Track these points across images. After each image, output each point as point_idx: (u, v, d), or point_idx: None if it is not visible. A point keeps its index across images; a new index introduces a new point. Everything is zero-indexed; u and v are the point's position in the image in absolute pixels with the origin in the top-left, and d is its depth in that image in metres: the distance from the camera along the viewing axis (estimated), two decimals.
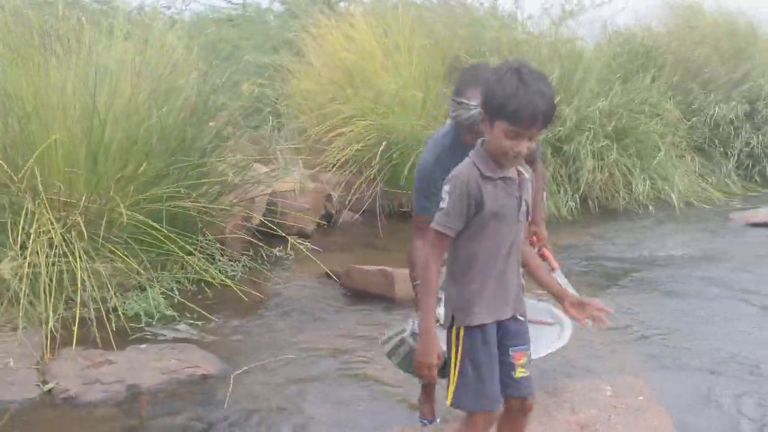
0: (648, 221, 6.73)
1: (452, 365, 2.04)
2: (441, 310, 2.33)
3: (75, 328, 3.63)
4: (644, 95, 7.45)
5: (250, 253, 5.10)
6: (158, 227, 4.18)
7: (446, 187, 2.00)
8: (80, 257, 3.90)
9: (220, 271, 4.63)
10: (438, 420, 2.87)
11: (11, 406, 3.16)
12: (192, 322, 4.08)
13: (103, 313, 3.79)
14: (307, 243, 5.10)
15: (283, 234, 4.93)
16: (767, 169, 8.48)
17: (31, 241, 3.82)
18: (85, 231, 3.92)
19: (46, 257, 3.82)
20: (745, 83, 8.55)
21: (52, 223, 3.90)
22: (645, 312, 4.41)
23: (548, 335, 2.67)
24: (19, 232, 3.85)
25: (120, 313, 4.01)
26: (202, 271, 4.44)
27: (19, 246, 3.83)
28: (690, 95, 8.34)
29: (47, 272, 3.79)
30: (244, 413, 3.18)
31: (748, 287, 4.85)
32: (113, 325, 3.79)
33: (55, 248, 3.87)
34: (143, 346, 3.74)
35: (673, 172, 7.33)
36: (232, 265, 4.86)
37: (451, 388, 2.04)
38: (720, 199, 7.63)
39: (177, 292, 4.33)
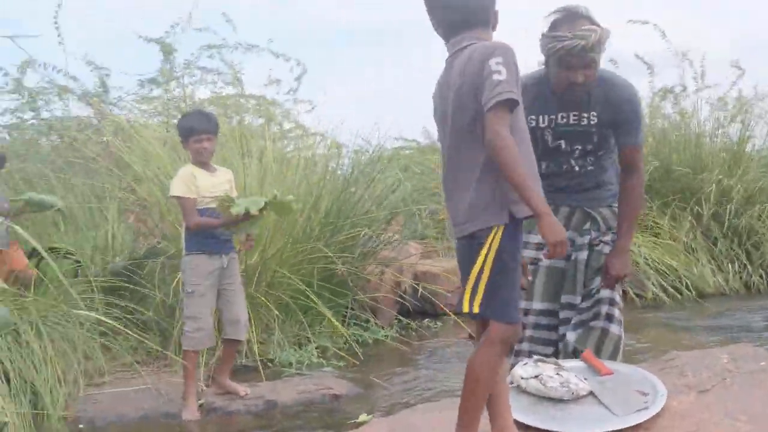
0: None
1: (487, 270, 1.82)
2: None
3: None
4: None
5: (401, 320, 5.26)
6: (312, 297, 4.50)
7: (498, 59, 1.77)
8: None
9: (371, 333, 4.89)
10: None
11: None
12: (336, 363, 4.30)
13: (260, 363, 4.10)
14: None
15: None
16: None
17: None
18: None
19: None
20: None
21: None
22: None
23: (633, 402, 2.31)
24: None
25: (276, 362, 4.35)
26: (354, 340, 4.76)
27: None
28: None
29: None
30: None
31: None
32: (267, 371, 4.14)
33: None
34: (287, 378, 4.02)
35: None
36: (382, 328, 5.05)
37: (479, 296, 1.83)
38: None
39: (330, 346, 4.58)
